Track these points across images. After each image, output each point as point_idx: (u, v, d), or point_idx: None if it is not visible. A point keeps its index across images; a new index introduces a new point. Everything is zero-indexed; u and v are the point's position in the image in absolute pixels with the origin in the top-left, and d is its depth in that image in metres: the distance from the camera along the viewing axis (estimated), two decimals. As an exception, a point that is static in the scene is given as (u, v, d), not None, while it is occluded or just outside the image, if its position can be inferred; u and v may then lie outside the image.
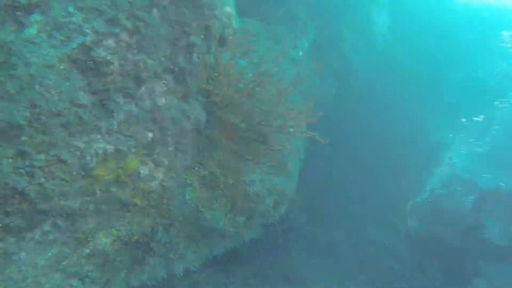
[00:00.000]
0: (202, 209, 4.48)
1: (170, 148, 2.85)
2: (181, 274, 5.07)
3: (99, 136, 2.51)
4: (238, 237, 5.30)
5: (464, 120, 13.36)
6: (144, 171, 2.74)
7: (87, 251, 2.74)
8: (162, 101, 2.76)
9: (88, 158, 2.46)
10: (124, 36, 2.48)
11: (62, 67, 2.40)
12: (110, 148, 2.56)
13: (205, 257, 5.27)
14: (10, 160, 2.19)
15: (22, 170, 2.22)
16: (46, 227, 2.43)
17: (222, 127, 3.07)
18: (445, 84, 13.03)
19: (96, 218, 2.64)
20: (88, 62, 2.45)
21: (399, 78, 14.23)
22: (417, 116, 12.33)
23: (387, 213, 10.20)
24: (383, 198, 10.24)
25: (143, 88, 2.66)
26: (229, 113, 2.91)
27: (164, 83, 2.75)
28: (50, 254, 2.51)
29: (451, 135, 13.05)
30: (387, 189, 10.79)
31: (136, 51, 2.56)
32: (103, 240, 2.79)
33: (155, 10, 2.54)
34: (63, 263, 2.65)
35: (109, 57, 2.48)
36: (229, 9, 2.95)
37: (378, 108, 11.75)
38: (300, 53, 10.20)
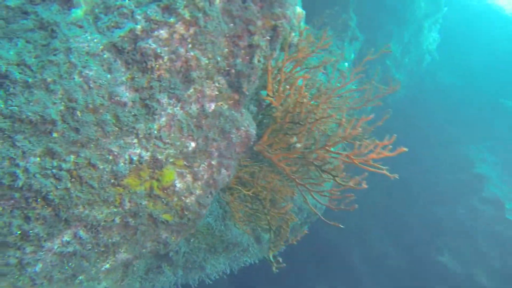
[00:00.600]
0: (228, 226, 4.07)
1: (213, 162, 2.47)
2: (196, 285, 4.77)
3: (135, 140, 2.17)
4: (259, 253, 4.94)
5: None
6: (181, 184, 2.37)
7: (107, 266, 2.41)
8: (211, 107, 2.38)
9: (121, 164, 2.12)
10: (180, 27, 2.13)
11: (105, 56, 2.08)
12: (146, 155, 2.21)
13: (223, 271, 4.97)
14: (38, 159, 1.89)
15: (49, 172, 1.91)
16: (67, 237, 2.11)
17: (275, 145, 2.66)
18: (497, 114, 12.00)
19: (122, 231, 2.30)
20: (134, 54, 2.12)
21: (444, 102, 13.34)
22: (460, 144, 11.47)
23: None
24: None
25: (191, 90, 2.30)
26: (288, 131, 2.50)
27: (216, 86, 2.37)
28: (67, 267, 2.19)
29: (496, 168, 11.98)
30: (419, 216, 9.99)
31: (190, 45, 2.20)
32: (125, 255, 2.46)
33: (217, 0, 2.16)
34: (80, 277, 2.33)
35: (158, 50, 2.13)
36: (300, 10, 2.54)
37: (419, 132, 10.99)
38: (346, 64, 9.73)
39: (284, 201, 2.76)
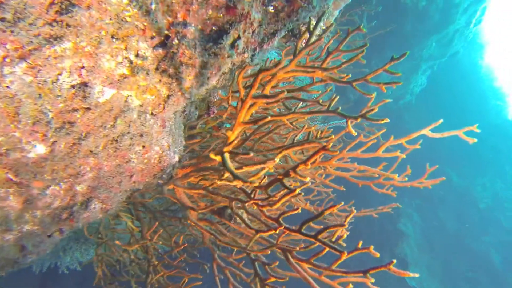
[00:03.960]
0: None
1: (78, 187, 1.31)
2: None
3: None
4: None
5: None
6: (-14, 212, 1.17)
7: None
8: (105, 93, 1.18)
9: None
10: None
11: None
12: None
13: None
14: None
15: None
16: None
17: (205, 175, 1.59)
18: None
19: None
20: None
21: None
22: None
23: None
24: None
25: (67, 44, 1.06)
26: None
27: (128, 58, 1.16)
28: None
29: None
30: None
31: None
32: None
33: None
34: None
35: None
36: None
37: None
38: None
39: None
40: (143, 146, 1.39)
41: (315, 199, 2.23)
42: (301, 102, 1.72)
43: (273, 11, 1.28)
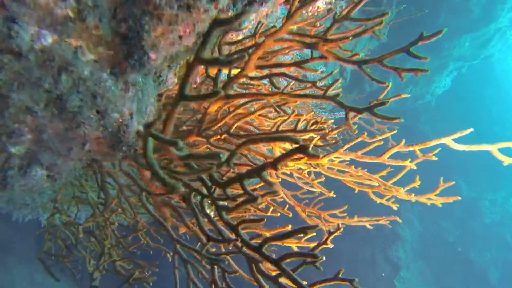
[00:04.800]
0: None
1: (13, 149, 1.10)
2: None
3: None
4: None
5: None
6: None
7: None
8: (45, 38, 0.94)
9: None
10: None
11: None
12: None
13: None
14: None
15: None
16: None
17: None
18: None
19: None
20: None
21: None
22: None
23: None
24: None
25: None
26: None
27: None
28: None
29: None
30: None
31: None
32: None
33: None
34: None
35: None
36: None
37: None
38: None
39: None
40: (97, 111, 1.15)
41: (304, 197, 1.99)
42: (293, 82, 1.44)
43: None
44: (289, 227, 1.19)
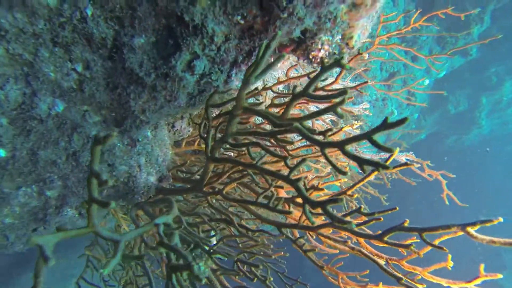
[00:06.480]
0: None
1: (49, 192, 1.32)
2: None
3: None
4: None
5: None
6: None
7: None
8: (56, 106, 1.12)
9: None
10: None
11: None
12: None
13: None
14: None
15: None
16: None
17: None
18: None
19: None
20: None
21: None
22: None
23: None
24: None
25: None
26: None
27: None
28: None
29: None
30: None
31: None
32: None
33: None
34: None
35: None
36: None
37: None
38: (427, 81, 7.54)
39: None
40: (108, 164, 1.29)
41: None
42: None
43: (243, 22, 0.95)
44: None
